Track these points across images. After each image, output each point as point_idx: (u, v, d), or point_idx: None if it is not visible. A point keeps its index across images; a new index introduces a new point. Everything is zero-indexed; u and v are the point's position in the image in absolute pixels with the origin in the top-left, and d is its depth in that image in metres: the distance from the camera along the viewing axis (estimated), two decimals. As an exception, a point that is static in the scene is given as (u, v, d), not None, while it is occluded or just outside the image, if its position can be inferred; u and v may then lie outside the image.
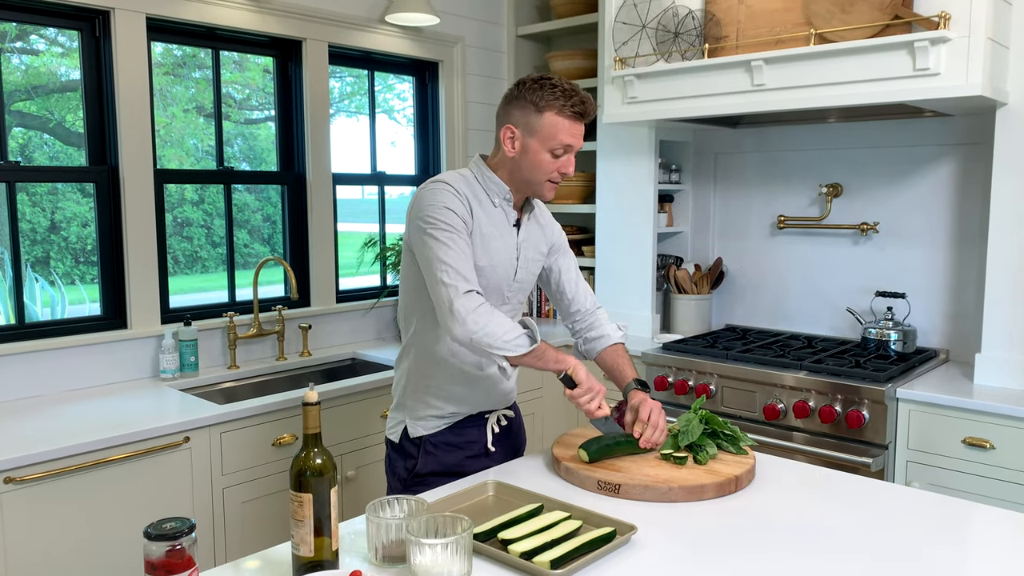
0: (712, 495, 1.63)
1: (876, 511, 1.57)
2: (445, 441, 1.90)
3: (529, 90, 1.76)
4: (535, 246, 1.94)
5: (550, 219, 2.04)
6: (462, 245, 1.71)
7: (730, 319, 3.59)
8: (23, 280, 2.58)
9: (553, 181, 1.81)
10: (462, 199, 1.76)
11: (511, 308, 1.93)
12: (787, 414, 2.75)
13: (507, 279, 1.87)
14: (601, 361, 2.02)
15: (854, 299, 3.20)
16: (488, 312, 1.67)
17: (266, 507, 2.46)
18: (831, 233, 3.26)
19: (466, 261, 1.70)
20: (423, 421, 1.90)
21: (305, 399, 1.25)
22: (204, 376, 2.78)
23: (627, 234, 3.51)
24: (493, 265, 1.82)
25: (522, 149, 1.78)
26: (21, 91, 2.65)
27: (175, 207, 3.04)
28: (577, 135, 1.77)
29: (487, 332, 1.66)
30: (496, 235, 1.82)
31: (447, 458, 1.90)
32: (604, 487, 1.65)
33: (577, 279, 2.06)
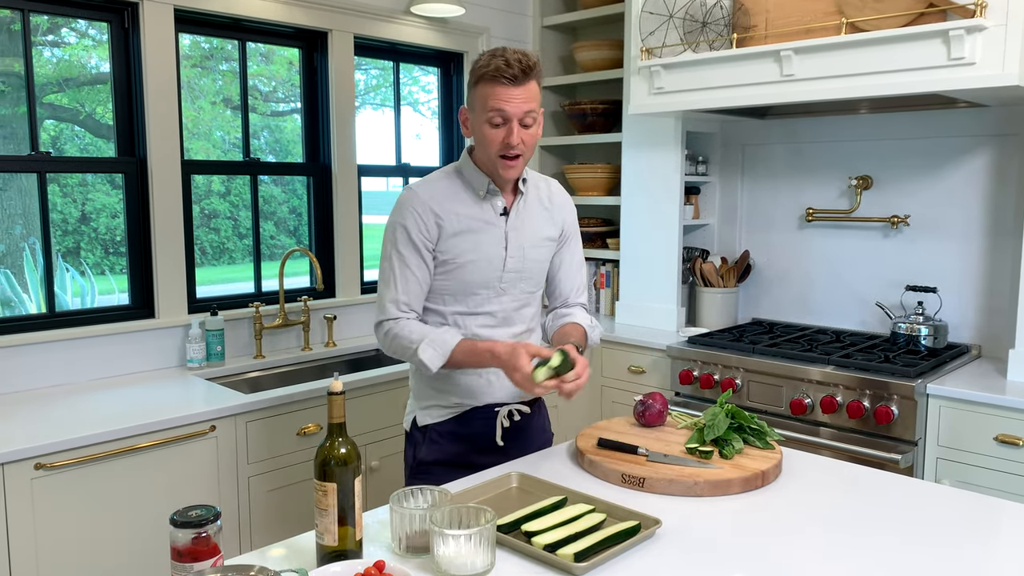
0: (738, 490, 1.61)
1: (906, 508, 1.54)
2: (450, 431, 1.88)
3: (472, 67, 1.74)
4: (535, 231, 1.88)
5: (562, 203, 1.96)
6: (400, 268, 1.78)
7: (757, 313, 3.55)
8: (54, 270, 2.61)
9: (505, 156, 1.73)
10: (423, 211, 1.76)
11: (513, 299, 1.87)
12: (814, 409, 2.71)
13: (495, 270, 1.82)
14: (555, 334, 1.94)
15: (884, 293, 3.15)
16: (391, 338, 1.78)
17: (291, 496, 2.48)
18: (861, 226, 3.21)
19: (398, 285, 1.78)
20: (429, 410, 1.89)
21: (331, 388, 1.25)
22: (230, 366, 2.80)
23: (652, 226, 3.48)
24: (476, 259, 1.80)
25: (473, 129, 1.77)
26: (53, 83, 2.69)
27: (202, 199, 3.07)
28: (510, 99, 1.67)
29: (399, 356, 1.80)
30: (475, 227, 1.80)
31: (452, 448, 1.87)
32: (628, 480, 1.63)
33: (575, 275, 2.00)
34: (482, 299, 1.84)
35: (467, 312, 1.84)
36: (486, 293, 1.83)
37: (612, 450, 1.76)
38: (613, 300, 3.78)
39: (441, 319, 1.85)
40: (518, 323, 1.90)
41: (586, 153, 4.07)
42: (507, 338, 1.86)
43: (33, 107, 2.53)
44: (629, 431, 1.89)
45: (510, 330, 1.89)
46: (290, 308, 3.05)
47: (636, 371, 3.25)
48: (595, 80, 3.80)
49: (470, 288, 1.82)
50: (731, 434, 1.77)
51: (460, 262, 1.79)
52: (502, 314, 1.87)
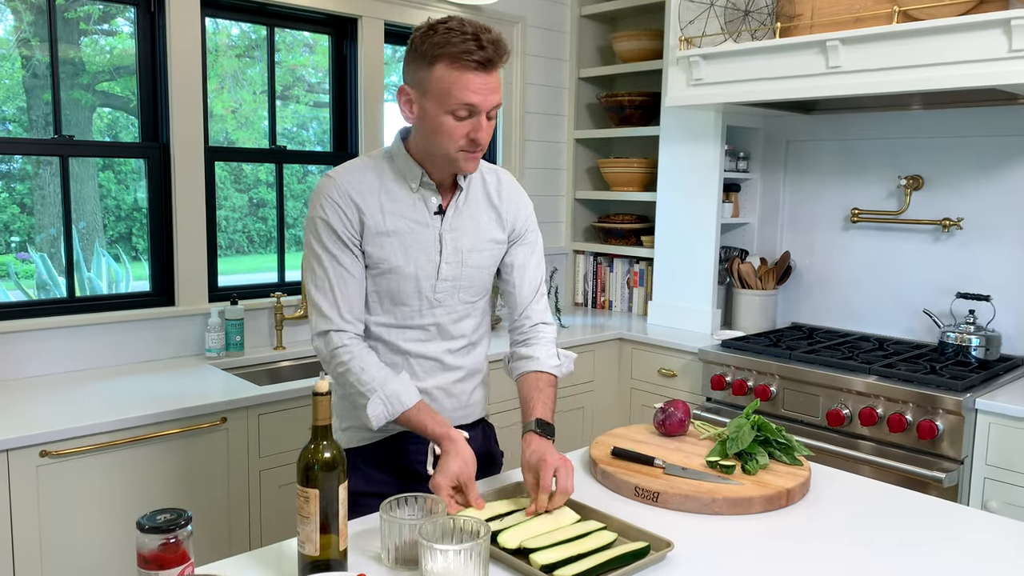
0: (759, 509, 1.49)
1: (942, 536, 1.41)
2: (375, 457, 1.64)
3: (419, 39, 1.45)
4: (478, 233, 1.62)
5: (514, 197, 1.69)
6: (332, 268, 1.52)
7: (796, 317, 3.40)
8: (74, 254, 2.60)
9: (467, 150, 1.49)
10: (343, 202, 1.52)
11: (449, 311, 1.62)
12: (852, 421, 2.56)
13: (427, 278, 1.57)
14: (520, 387, 1.66)
15: (932, 300, 2.98)
16: (341, 365, 1.52)
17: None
18: (909, 228, 3.04)
19: (333, 287, 1.52)
20: (350, 432, 1.64)
21: (315, 389, 1.17)
22: (249, 356, 2.76)
23: (689, 224, 3.35)
24: (401, 265, 1.55)
25: (420, 114, 1.48)
26: (106, 72, 2.70)
27: (251, 188, 3.08)
28: (481, 90, 1.42)
29: (340, 383, 1.54)
30: (401, 228, 1.55)
31: (377, 476, 1.63)
32: (641, 494, 1.53)
33: (533, 279, 1.71)
34: (412, 311, 1.59)
35: (395, 324, 1.59)
36: (417, 304, 1.58)
37: (627, 460, 1.65)
38: (646, 299, 3.66)
39: (365, 331, 1.59)
40: (456, 337, 1.65)
41: (622, 147, 3.95)
42: (442, 353, 1.63)
43: (56, 90, 2.50)
44: (648, 440, 1.78)
45: (446, 344, 1.63)
46: (312, 299, 3.00)
47: (667, 374, 3.13)
48: (634, 71, 3.67)
49: (398, 298, 1.57)
50: (756, 448, 1.66)
51: (384, 268, 1.54)
52: (435, 328, 1.62)
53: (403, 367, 1.59)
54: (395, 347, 1.60)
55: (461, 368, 1.66)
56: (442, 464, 1.43)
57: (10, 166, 2.60)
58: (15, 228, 2.65)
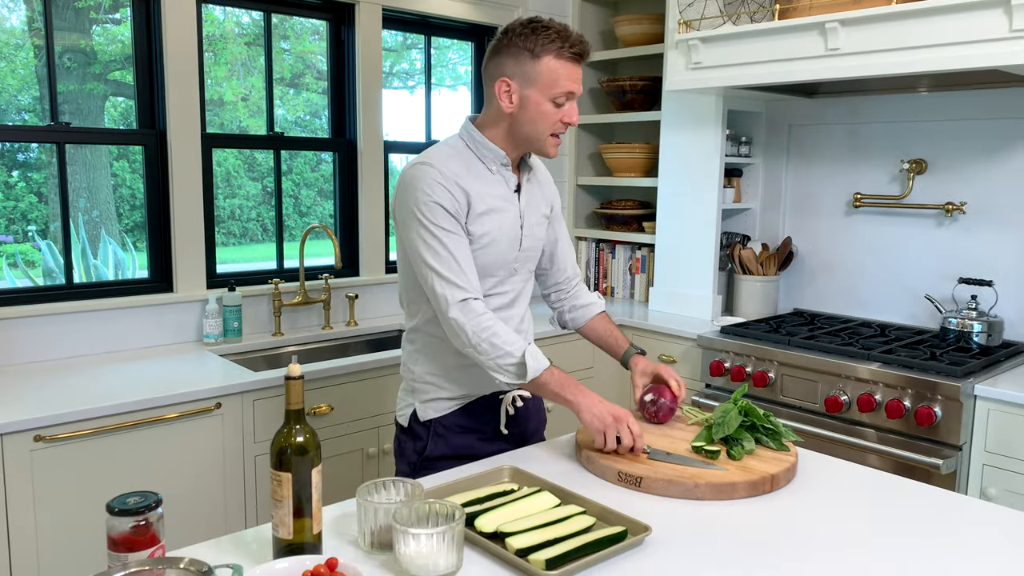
0: (743, 494, 1.48)
1: (929, 521, 1.40)
2: (456, 423, 1.79)
3: (520, 36, 1.62)
4: (537, 209, 1.82)
5: (549, 179, 1.92)
6: (454, 245, 1.63)
7: (798, 303, 3.37)
8: (71, 241, 2.61)
9: (556, 134, 1.68)
10: (450, 185, 1.63)
11: (522, 279, 1.82)
12: (851, 407, 2.55)
13: (513, 250, 1.75)
14: (591, 330, 1.96)
15: (935, 286, 2.95)
16: (485, 327, 1.62)
17: (299, 477, 2.43)
18: (912, 213, 3.00)
19: (460, 263, 1.62)
20: (433, 403, 1.79)
21: (288, 373, 1.17)
22: (247, 342, 2.77)
23: (690, 210, 3.32)
24: (498, 239, 1.71)
25: (521, 102, 1.65)
26: (117, 62, 2.71)
27: (264, 176, 3.11)
28: (578, 79, 1.65)
29: (481, 350, 1.63)
30: (497, 207, 1.71)
31: (457, 440, 1.79)
32: (625, 479, 1.52)
33: (569, 248, 1.99)
34: (498, 280, 1.76)
35: (488, 293, 1.75)
36: (502, 274, 1.76)
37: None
38: (647, 286, 3.64)
39: None
40: (522, 303, 1.85)
41: (624, 132, 3.92)
42: (515, 320, 1.80)
43: (52, 76, 2.51)
44: (636, 425, 1.77)
45: (516, 311, 1.82)
46: (311, 286, 3.01)
47: (667, 360, 3.12)
48: (635, 56, 3.64)
49: (489, 269, 1.72)
50: (742, 433, 1.65)
51: (484, 243, 1.69)
52: (513, 294, 1.81)
53: None
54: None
55: (526, 331, 1.85)
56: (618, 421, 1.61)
57: (27, 155, 2.62)
58: (32, 217, 2.67)
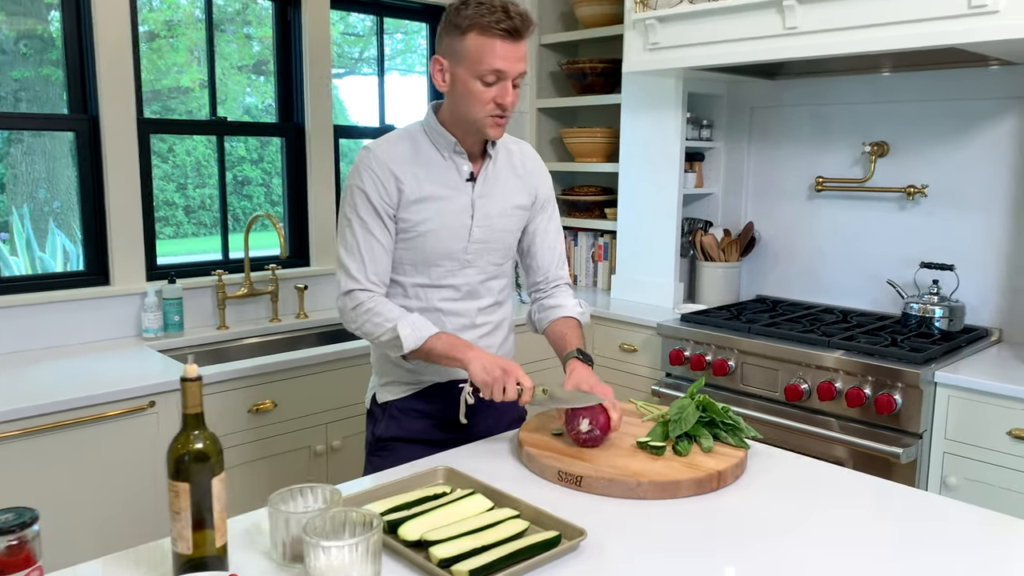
0: (688, 492, 1.41)
1: (882, 519, 1.34)
2: (412, 407, 1.77)
3: (453, 11, 1.57)
4: (505, 199, 1.74)
5: (535, 168, 1.82)
6: (363, 234, 1.64)
7: (761, 289, 3.31)
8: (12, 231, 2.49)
9: (494, 116, 1.60)
10: (382, 173, 1.63)
11: (479, 271, 1.75)
12: (811, 396, 2.49)
13: (459, 240, 1.69)
14: (550, 333, 1.83)
15: (897, 270, 2.90)
16: (364, 312, 1.63)
17: (242, 477, 2.34)
18: (874, 196, 2.95)
19: (363, 252, 1.64)
20: (390, 386, 1.79)
21: (184, 374, 1.07)
22: (189, 336, 2.66)
23: (651, 195, 3.25)
24: (438, 229, 1.67)
25: (452, 82, 1.60)
26: None
27: (235, 165, 3.05)
28: (508, 57, 1.55)
29: (364, 332, 1.65)
30: (439, 194, 1.66)
31: (412, 424, 1.76)
32: (565, 478, 1.45)
33: (555, 245, 1.87)
34: (445, 271, 1.71)
35: (429, 284, 1.72)
36: (450, 265, 1.70)
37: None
38: (610, 273, 3.56)
39: (401, 290, 1.72)
40: (485, 296, 1.78)
41: (587, 116, 3.83)
42: (473, 312, 1.75)
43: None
44: (582, 420, 1.69)
45: (475, 303, 1.76)
46: (257, 277, 2.90)
47: (628, 349, 3.05)
48: (596, 37, 3.55)
49: (432, 259, 1.69)
50: (700, 429, 1.57)
51: (421, 231, 1.66)
52: (467, 287, 1.74)
53: (436, 323, 1.68)
54: (428, 305, 1.71)
55: (488, 323, 1.78)
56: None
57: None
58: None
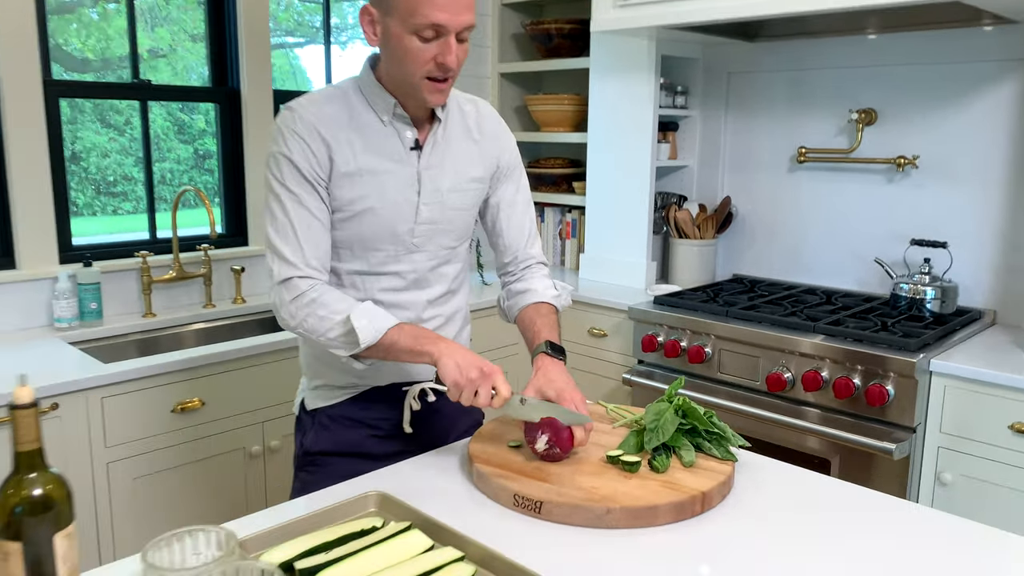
0: (667, 519, 1.19)
1: (902, 551, 1.13)
2: (346, 415, 1.52)
3: None
4: (459, 171, 1.49)
5: (495, 130, 1.56)
6: (295, 210, 1.37)
7: (738, 268, 3.11)
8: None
9: (433, 78, 1.33)
10: (308, 136, 1.36)
11: (429, 256, 1.50)
12: (795, 385, 2.29)
13: (404, 221, 1.43)
14: (520, 323, 1.58)
15: (885, 248, 2.70)
16: (306, 304, 1.36)
17: (165, 483, 2.08)
18: (861, 168, 2.74)
19: (297, 232, 1.37)
20: (320, 391, 1.54)
21: (13, 399, 0.82)
22: (110, 326, 2.38)
23: (622, 168, 3.01)
24: (377, 207, 1.41)
25: (384, 36, 1.34)
26: None
27: (196, 139, 2.82)
28: (449, 6, 1.28)
29: (307, 327, 1.37)
30: (376, 167, 1.40)
31: (345, 435, 1.52)
32: (522, 503, 1.22)
33: (523, 219, 1.61)
34: (387, 256, 1.45)
35: (367, 272, 1.46)
36: (393, 249, 1.45)
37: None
38: (578, 252, 3.33)
39: (334, 279, 1.46)
40: (435, 284, 1.53)
41: (553, 82, 3.57)
42: (420, 304, 1.50)
43: None
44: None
45: (423, 294, 1.51)
46: (188, 259, 2.62)
47: (598, 334, 2.83)
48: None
49: (371, 243, 1.43)
50: (680, 440, 1.35)
51: (356, 210, 1.40)
52: (414, 275, 1.49)
53: None
54: (367, 296, 1.45)
55: (438, 316, 1.54)
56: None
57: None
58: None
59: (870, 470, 2.16)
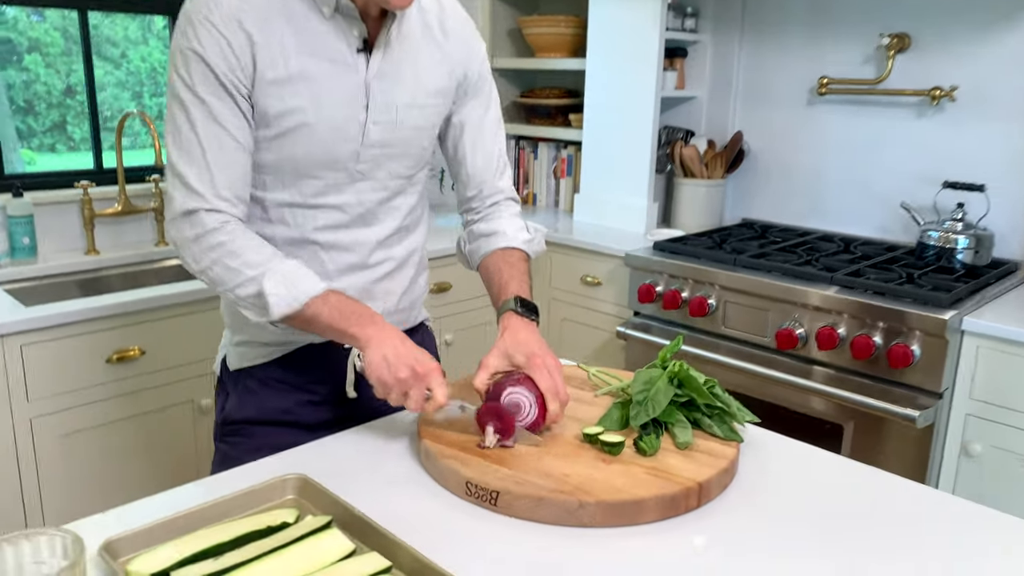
0: (655, 516, 0.96)
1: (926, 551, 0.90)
2: (275, 377, 1.27)
3: None
4: (417, 79, 1.21)
5: (467, 35, 1.29)
6: (205, 124, 1.08)
7: (748, 212, 2.84)
8: None
9: None
10: (227, 28, 1.07)
11: (377, 186, 1.23)
12: (808, 343, 2.05)
13: (348, 141, 1.16)
14: (483, 271, 1.34)
15: (913, 191, 2.43)
16: (213, 248, 1.09)
17: (100, 441, 1.87)
18: (890, 101, 2.45)
19: (206, 152, 1.09)
20: (245, 348, 1.27)
21: None
22: (46, 264, 2.14)
23: (624, 98, 2.72)
24: (314, 123, 1.13)
25: None
26: None
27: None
28: None
29: (212, 277, 1.11)
30: (313, 72, 1.12)
31: (273, 401, 1.27)
32: (475, 493, 0.99)
33: (492, 146, 1.34)
34: (326, 186, 1.19)
35: (301, 204, 1.19)
36: (332, 178, 1.18)
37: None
38: (573, 192, 3.06)
39: (259, 211, 1.19)
40: (385, 220, 1.26)
41: (551, 2, 3.25)
42: (367, 246, 1.24)
43: None
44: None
45: (371, 232, 1.24)
46: (136, 191, 2.36)
47: (592, 283, 2.58)
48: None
49: (305, 169, 1.16)
50: (675, 415, 1.11)
51: (287, 127, 1.12)
52: (359, 208, 1.22)
53: (308, 261, 1.17)
54: (299, 234, 1.19)
55: (388, 261, 1.27)
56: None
57: None
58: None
59: (888, 438, 1.94)
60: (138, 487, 1.92)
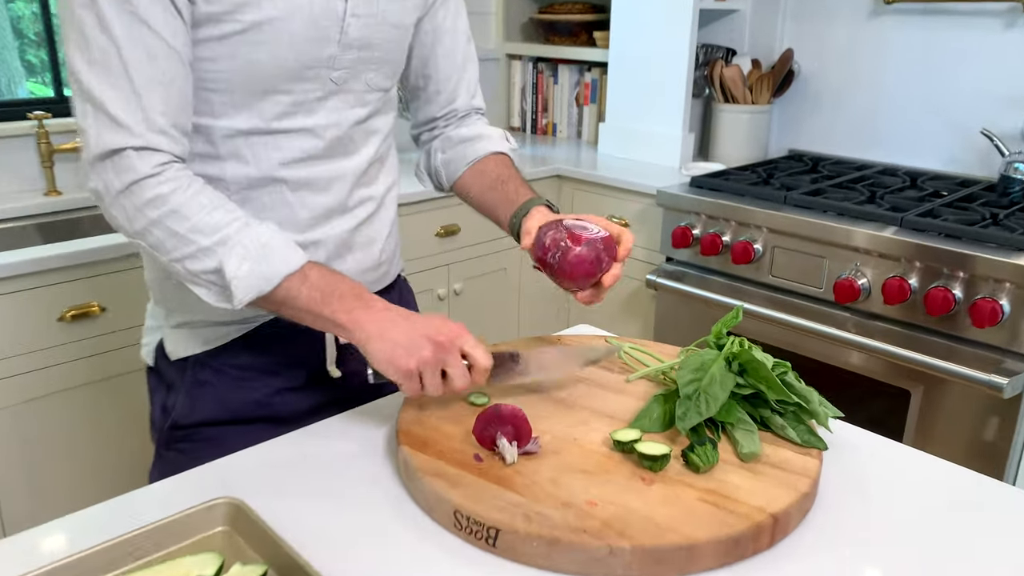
0: (714, 564, 0.70)
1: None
2: (238, 364, 1.00)
3: None
4: None
5: None
6: (129, 39, 0.79)
7: (796, 143, 2.52)
8: None
9: None
10: None
11: (354, 101, 0.97)
12: (871, 296, 1.76)
13: (323, 41, 0.90)
14: (468, 179, 1.11)
15: (995, 116, 2.09)
16: (151, 203, 0.81)
17: (49, 411, 1.64)
18: (970, 10, 2.09)
19: (131, 76, 0.79)
20: (188, 330, 1.00)
21: None
22: None
23: (656, 11, 2.38)
24: (285, 19, 0.86)
25: None
26: None
27: None
28: None
29: (152, 243, 0.83)
30: None
31: (239, 394, 1.00)
32: (467, 527, 0.73)
33: (466, 58, 1.12)
34: (293, 103, 0.92)
35: (262, 130, 0.91)
36: (302, 90, 0.92)
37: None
38: (597, 121, 2.74)
39: (204, 142, 0.90)
40: (363, 147, 1.00)
41: (572, -94, 2.87)
42: (346, 183, 0.99)
43: None
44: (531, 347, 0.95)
45: (349, 163, 0.99)
46: (101, 122, 2.09)
47: (619, 224, 2.29)
48: None
49: (269, 80, 0.89)
50: (735, 413, 0.84)
51: (243, 25, 0.85)
52: (334, 131, 0.96)
53: (273, 208, 0.94)
54: (259, 172, 0.93)
55: (369, 201, 1.03)
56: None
57: None
58: None
59: (965, 409, 1.67)
60: (101, 461, 1.70)
